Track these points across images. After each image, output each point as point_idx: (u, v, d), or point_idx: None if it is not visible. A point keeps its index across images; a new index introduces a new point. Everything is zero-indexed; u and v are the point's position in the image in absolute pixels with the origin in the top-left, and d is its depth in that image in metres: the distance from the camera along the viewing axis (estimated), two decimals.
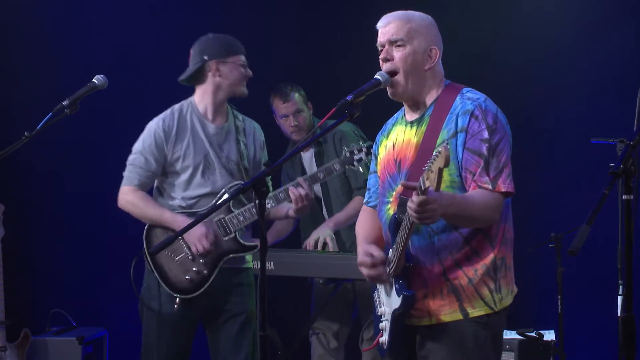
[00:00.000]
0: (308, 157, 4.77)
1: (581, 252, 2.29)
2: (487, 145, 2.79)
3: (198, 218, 3.05)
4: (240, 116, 3.95)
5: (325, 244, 4.49)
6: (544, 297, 4.99)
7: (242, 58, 3.91)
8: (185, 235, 3.75)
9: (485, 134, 2.80)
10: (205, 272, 3.80)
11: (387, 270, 2.90)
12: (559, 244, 4.59)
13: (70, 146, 5.37)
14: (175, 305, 3.79)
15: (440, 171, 2.52)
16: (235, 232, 3.82)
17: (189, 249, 3.81)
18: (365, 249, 2.95)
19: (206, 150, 3.86)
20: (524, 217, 4.88)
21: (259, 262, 2.72)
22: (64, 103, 3.42)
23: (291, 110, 4.67)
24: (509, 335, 4.54)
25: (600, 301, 4.76)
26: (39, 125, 3.36)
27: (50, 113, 3.39)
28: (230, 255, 3.82)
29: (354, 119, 2.88)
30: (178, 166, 3.86)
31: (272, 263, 4.35)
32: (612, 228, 4.01)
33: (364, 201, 3.18)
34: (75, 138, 5.26)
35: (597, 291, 4.86)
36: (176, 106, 3.94)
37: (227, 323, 3.85)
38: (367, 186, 3.17)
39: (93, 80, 3.57)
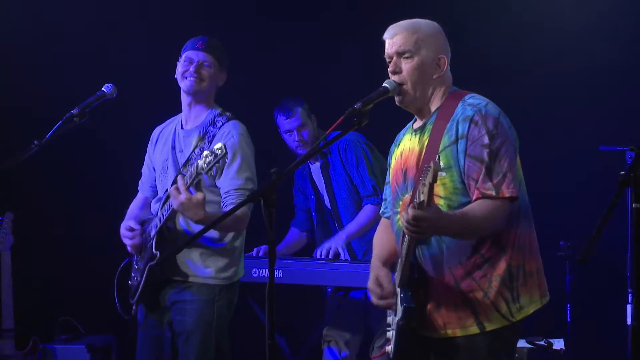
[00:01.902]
0: (316, 169, 4.76)
1: (590, 260, 2.29)
2: (487, 150, 2.76)
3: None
4: (220, 122, 3.72)
5: (337, 254, 4.48)
6: (553, 306, 4.95)
7: (185, 55, 3.73)
8: None
9: (486, 140, 2.77)
10: (138, 278, 3.74)
11: (394, 282, 2.89)
12: (569, 252, 4.58)
13: (80, 154, 5.38)
14: (132, 311, 3.79)
15: (431, 186, 2.51)
16: (153, 238, 3.68)
17: (133, 255, 3.82)
18: (376, 275, 2.94)
19: (167, 155, 3.79)
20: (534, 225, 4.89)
21: (267, 270, 2.73)
22: (73, 111, 3.44)
23: (295, 125, 4.65)
24: (519, 344, 4.52)
25: (610, 310, 4.75)
26: (49, 134, 3.37)
27: (60, 121, 3.41)
28: (149, 265, 3.67)
29: (361, 129, 2.87)
30: (156, 173, 3.86)
31: (280, 271, 4.34)
32: (622, 236, 4.02)
33: (381, 212, 3.16)
34: (84, 146, 5.27)
35: (606, 300, 4.84)
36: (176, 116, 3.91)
37: (175, 340, 3.72)
38: (384, 196, 3.15)
39: (102, 89, 3.59)
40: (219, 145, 3.38)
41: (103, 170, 5.42)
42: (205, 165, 3.38)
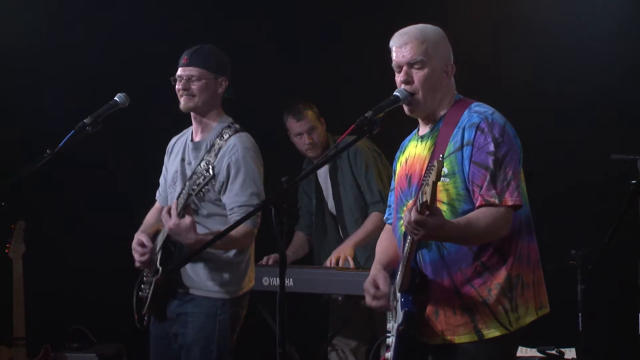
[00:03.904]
0: (323, 172, 4.78)
1: (602, 269, 2.28)
2: (493, 158, 2.78)
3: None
4: (227, 134, 3.69)
5: (346, 261, 4.50)
6: (564, 315, 4.95)
7: (177, 73, 3.74)
8: None
9: (491, 147, 2.79)
10: (147, 290, 3.73)
11: (394, 287, 2.90)
12: (580, 260, 4.56)
13: (92, 163, 5.40)
14: (144, 322, 3.80)
15: (434, 185, 2.53)
16: (158, 252, 3.68)
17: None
18: (373, 275, 2.96)
19: (177, 167, 3.78)
20: (544, 234, 4.87)
21: (277, 279, 2.74)
22: (86, 121, 3.45)
23: (305, 128, 4.69)
24: (530, 352, 4.52)
25: (622, 319, 4.72)
26: (61, 143, 3.39)
27: (72, 131, 3.42)
28: (154, 279, 3.66)
29: (383, 144, 2.89)
30: (167, 184, 3.85)
31: (291, 280, 4.35)
32: (634, 244, 4.00)
33: (384, 218, 3.18)
34: (98, 154, 5.29)
35: (618, 309, 4.82)
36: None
37: (180, 352, 3.74)
38: (388, 203, 3.17)
39: (115, 98, 3.60)
40: (207, 167, 3.43)
41: (116, 179, 5.44)
42: (196, 186, 3.44)
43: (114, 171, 5.44)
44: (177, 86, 3.72)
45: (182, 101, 3.71)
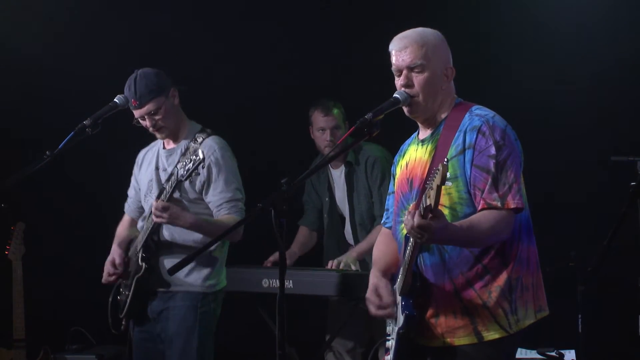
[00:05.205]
0: (337, 174, 4.79)
1: (601, 270, 2.28)
2: (494, 161, 2.78)
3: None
4: (200, 138, 3.82)
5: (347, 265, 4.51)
6: (564, 317, 4.95)
7: (136, 115, 3.83)
8: None
9: (493, 150, 2.79)
10: (127, 293, 3.87)
11: (396, 288, 2.90)
12: (580, 262, 4.56)
13: (91, 164, 5.40)
14: (121, 327, 3.90)
15: (439, 188, 2.53)
16: (139, 251, 3.81)
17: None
18: (374, 284, 2.96)
19: (151, 175, 3.90)
20: (544, 236, 4.86)
21: (277, 281, 2.74)
22: (86, 122, 3.46)
23: (330, 125, 4.71)
24: (530, 354, 4.52)
25: (622, 320, 4.72)
26: (61, 145, 3.39)
27: (72, 132, 3.43)
28: (136, 277, 3.81)
29: (384, 145, 2.89)
30: (142, 193, 3.97)
31: (291, 281, 4.35)
32: (634, 246, 4.00)
33: (382, 222, 3.18)
34: (96, 156, 5.29)
35: (618, 310, 4.82)
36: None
37: (164, 348, 3.84)
38: (386, 206, 3.17)
39: (114, 100, 3.61)
40: (194, 151, 3.53)
41: (116, 181, 5.43)
42: (185, 172, 3.51)
43: (114, 172, 5.43)
44: (143, 124, 3.82)
45: (157, 135, 3.86)
